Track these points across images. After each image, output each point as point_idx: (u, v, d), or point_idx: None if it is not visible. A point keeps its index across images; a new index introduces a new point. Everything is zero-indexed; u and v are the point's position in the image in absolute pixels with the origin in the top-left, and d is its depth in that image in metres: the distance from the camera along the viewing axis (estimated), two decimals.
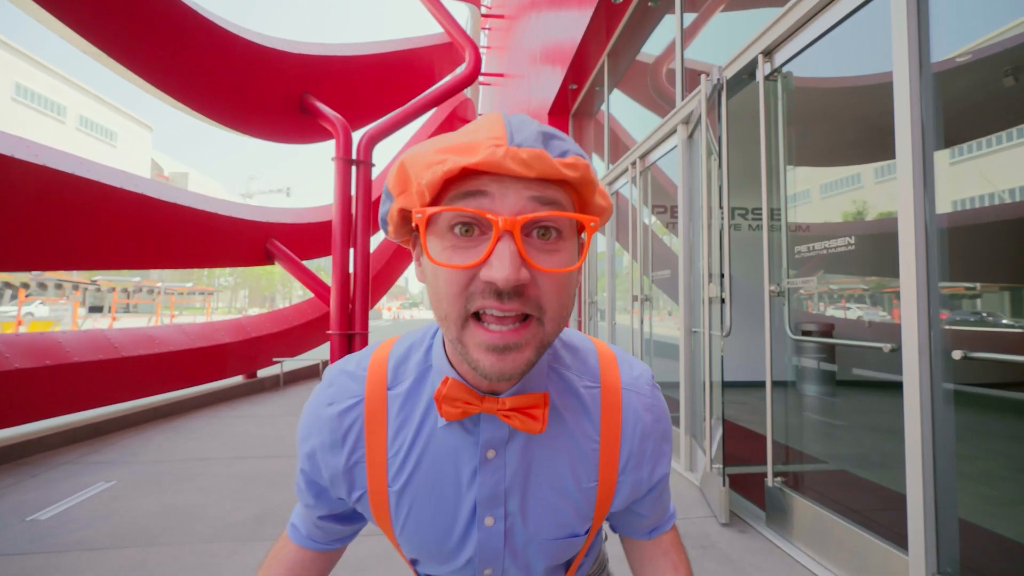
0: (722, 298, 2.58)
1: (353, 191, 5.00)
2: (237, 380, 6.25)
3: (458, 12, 23.98)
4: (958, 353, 1.46)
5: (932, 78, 1.62)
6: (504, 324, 0.42)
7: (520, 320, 0.43)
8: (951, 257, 1.59)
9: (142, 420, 4.54)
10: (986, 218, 1.64)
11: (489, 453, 0.53)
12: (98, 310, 33.41)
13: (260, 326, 6.45)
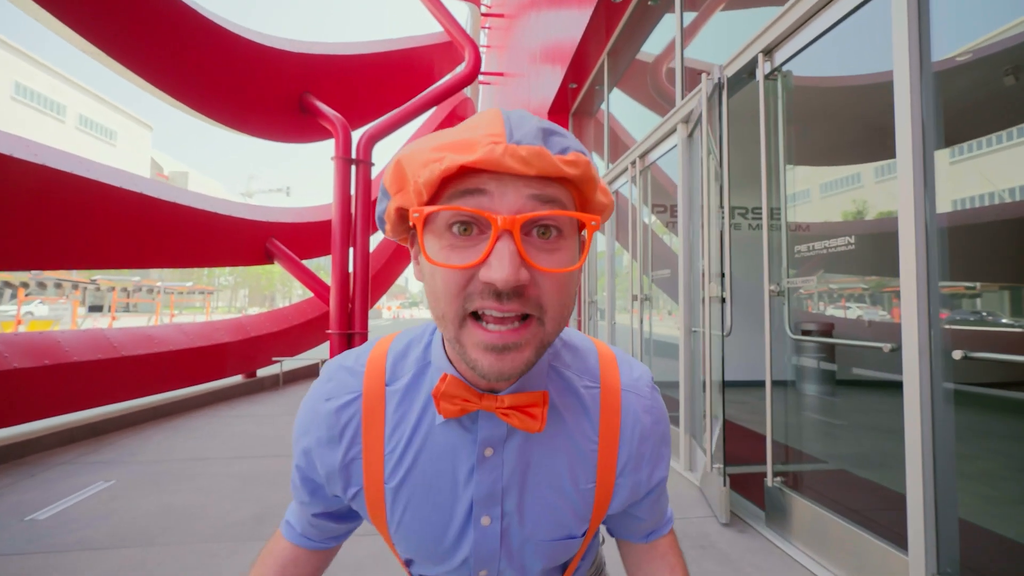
0: (722, 297, 2.58)
1: (353, 190, 5.00)
2: (237, 379, 6.24)
3: (458, 11, 23.97)
4: (958, 353, 1.46)
5: (932, 77, 1.62)
6: (504, 324, 0.41)
7: (520, 319, 0.42)
8: (951, 256, 1.59)
9: (141, 420, 4.53)
10: (986, 217, 1.64)
11: (487, 451, 0.52)
12: (98, 309, 33.31)
13: (260, 325, 6.45)
